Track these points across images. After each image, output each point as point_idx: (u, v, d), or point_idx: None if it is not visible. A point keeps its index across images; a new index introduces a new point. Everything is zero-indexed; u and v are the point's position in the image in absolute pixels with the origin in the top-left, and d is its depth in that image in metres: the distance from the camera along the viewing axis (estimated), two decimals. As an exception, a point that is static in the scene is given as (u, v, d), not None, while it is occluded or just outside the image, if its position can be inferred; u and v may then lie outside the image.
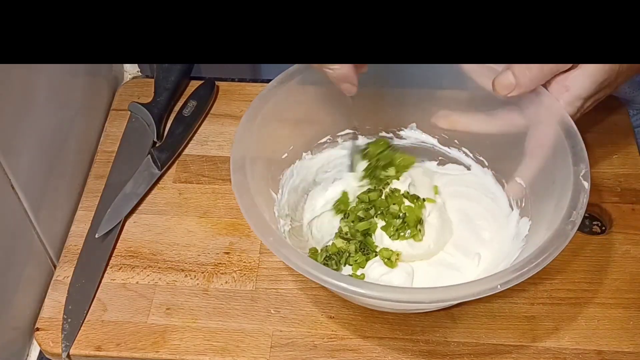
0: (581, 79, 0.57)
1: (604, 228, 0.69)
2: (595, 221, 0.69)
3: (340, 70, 0.56)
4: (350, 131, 0.69)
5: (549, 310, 0.62)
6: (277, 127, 0.64)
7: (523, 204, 0.63)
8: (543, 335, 0.61)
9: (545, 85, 0.59)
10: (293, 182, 0.67)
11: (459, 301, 0.59)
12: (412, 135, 0.71)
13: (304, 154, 0.68)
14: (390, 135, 0.71)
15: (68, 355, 0.61)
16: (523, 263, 0.51)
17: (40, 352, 0.63)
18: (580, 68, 0.57)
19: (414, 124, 0.70)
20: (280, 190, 0.65)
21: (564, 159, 0.57)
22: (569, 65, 0.56)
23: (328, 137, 0.69)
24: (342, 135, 0.69)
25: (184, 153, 0.75)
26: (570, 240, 0.52)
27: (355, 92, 0.58)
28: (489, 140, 0.66)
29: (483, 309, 0.62)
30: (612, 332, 0.61)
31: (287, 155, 0.66)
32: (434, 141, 0.70)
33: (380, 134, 0.70)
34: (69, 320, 0.62)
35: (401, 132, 0.71)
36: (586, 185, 0.54)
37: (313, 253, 0.64)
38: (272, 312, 0.63)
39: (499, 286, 0.50)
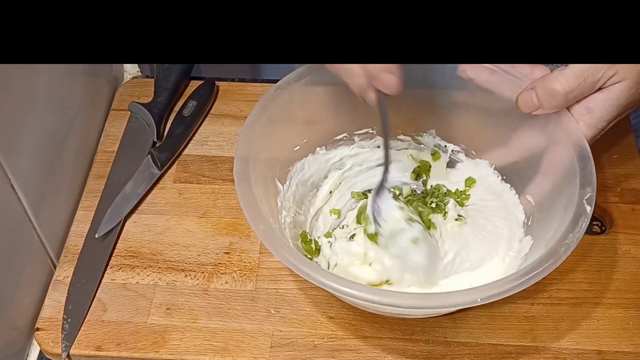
0: (606, 102, 0.56)
1: (604, 228, 0.69)
2: (595, 221, 0.69)
3: (357, 82, 0.55)
4: (371, 131, 0.69)
5: (549, 310, 0.62)
6: (288, 121, 0.64)
7: (529, 222, 0.62)
8: (543, 335, 0.61)
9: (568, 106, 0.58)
10: (303, 175, 0.67)
11: (437, 311, 0.59)
12: (430, 142, 0.70)
13: (318, 148, 0.68)
14: (409, 139, 0.70)
15: (68, 355, 0.61)
16: (509, 279, 0.50)
17: (40, 352, 0.63)
18: (604, 91, 0.55)
19: (433, 130, 0.70)
20: (287, 182, 0.65)
21: (572, 180, 0.56)
22: (594, 90, 0.55)
23: (344, 134, 0.69)
24: (359, 134, 0.69)
25: (184, 153, 0.75)
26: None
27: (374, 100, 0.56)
28: None
29: (483, 310, 0.62)
30: (612, 332, 0.61)
31: (299, 147, 0.66)
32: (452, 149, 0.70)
33: (398, 137, 0.70)
34: (69, 320, 0.62)
35: (419, 138, 0.70)
36: (588, 209, 0.53)
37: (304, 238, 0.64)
38: (272, 312, 0.63)
39: (479, 299, 0.50)
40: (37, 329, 0.62)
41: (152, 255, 0.67)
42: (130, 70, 0.86)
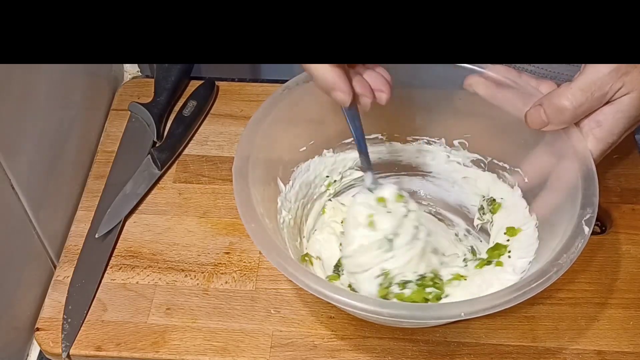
0: (615, 115, 0.55)
1: (604, 228, 0.69)
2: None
3: (323, 80, 0.52)
4: (380, 137, 0.69)
5: (549, 310, 0.62)
6: (295, 122, 0.64)
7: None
8: (543, 335, 0.61)
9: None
10: (307, 176, 0.66)
11: (420, 322, 0.59)
12: (439, 150, 0.69)
13: (325, 150, 0.67)
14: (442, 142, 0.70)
15: (68, 355, 0.61)
16: (497, 296, 0.50)
17: (40, 352, 0.63)
18: (613, 104, 0.55)
19: (443, 139, 0.69)
20: (290, 182, 0.64)
21: (574, 200, 0.55)
22: (602, 104, 0.55)
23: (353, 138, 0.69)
24: (368, 139, 0.68)
25: (184, 153, 0.75)
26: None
27: (348, 101, 0.53)
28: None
29: (483, 309, 0.62)
30: (612, 332, 0.61)
31: (305, 148, 0.66)
32: (459, 159, 0.69)
33: (408, 138, 0.69)
34: (69, 320, 0.62)
35: (429, 146, 0.70)
36: (586, 230, 0.53)
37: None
38: (272, 312, 0.63)
39: (462, 314, 0.49)
40: (37, 329, 0.62)
41: (152, 255, 0.67)
42: (130, 70, 0.86)
